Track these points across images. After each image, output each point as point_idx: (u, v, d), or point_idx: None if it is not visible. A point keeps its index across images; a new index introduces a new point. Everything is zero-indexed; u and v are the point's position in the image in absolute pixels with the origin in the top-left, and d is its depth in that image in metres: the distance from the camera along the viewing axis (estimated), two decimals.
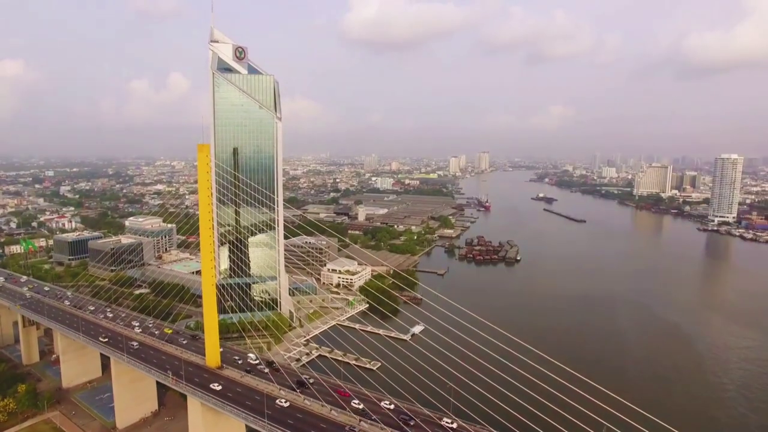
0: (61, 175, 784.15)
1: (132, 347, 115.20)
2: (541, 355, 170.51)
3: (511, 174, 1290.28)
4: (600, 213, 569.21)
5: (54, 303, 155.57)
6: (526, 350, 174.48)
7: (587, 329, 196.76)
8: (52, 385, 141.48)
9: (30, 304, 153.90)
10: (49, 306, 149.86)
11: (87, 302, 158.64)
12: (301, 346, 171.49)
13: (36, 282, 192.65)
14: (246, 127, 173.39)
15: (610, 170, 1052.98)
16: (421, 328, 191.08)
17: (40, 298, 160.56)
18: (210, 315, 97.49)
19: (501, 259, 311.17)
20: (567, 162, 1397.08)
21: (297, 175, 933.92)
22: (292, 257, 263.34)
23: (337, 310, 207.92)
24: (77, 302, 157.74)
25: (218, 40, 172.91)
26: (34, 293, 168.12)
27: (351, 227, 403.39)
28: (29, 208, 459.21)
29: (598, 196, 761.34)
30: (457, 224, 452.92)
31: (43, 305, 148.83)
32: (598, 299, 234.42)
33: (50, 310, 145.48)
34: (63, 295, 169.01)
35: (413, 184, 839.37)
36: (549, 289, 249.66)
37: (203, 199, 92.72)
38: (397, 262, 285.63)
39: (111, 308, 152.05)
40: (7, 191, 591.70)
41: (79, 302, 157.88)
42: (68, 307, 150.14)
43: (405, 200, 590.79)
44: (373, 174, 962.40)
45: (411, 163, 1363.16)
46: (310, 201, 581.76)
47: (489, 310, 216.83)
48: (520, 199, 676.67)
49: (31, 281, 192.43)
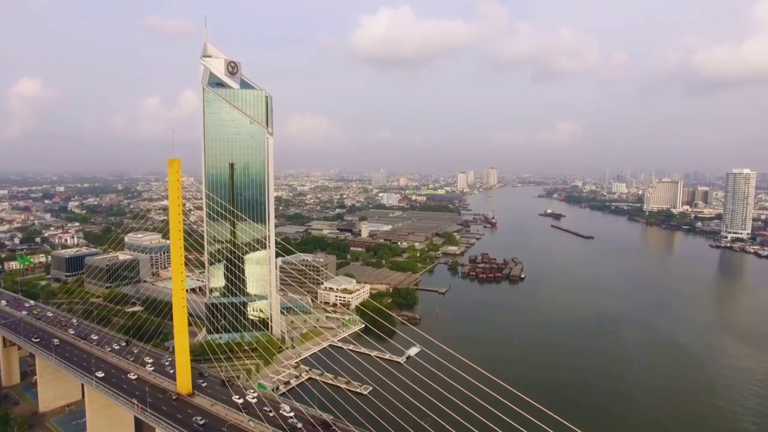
0: (72, 191, 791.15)
1: (102, 369, 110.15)
2: (540, 379, 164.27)
3: (519, 190, 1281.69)
4: (609, 229, 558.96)
5: (36, 323, 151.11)
6: (524, 374, 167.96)
7: (591, 351, 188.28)
8: (29, 409, 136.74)
9: (10, 323, 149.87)
10: (30, 325, 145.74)
11: (71, 323, 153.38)
12: (291, 368, 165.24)
13: (42, 306, 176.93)
14: (237, 142, 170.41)
15: (620, 186, 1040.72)
16: (417, 350, 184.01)
17: (27, 319, 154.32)
18: (180, 338, 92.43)
19: (505, 276, 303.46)
20: (576, 178, 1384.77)
21: (304, 191, 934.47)
22: (288, 275, 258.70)
23: (331, 331, 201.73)
24: (63, 323, 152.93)
25: (211, 54, 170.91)
26: (34, 318, 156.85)
27: (353, 244, 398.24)
28: (35, 224, 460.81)
29: (608, 212, 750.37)
30: (462, 241, 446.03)
31: (23, 325, 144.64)
32: (604, 319, 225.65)
33: (29, 330, 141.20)
34: (68, 322, 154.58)
35: (420, 200, 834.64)
36: (552, 308, 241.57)
37: (174, 216, 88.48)
38: (397, 280, 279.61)
39: (95, 328, 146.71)
40: (16, 206, 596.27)
41: (66, 322, 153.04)
42: (49, 326, 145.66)
43: (410, 216, 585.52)
44: (380, 190, 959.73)
45: (419, 179, 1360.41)
46: (315, 217, 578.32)
47: (488, 332, 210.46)
48: (528, 215, 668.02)
49: (39, 305, 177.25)
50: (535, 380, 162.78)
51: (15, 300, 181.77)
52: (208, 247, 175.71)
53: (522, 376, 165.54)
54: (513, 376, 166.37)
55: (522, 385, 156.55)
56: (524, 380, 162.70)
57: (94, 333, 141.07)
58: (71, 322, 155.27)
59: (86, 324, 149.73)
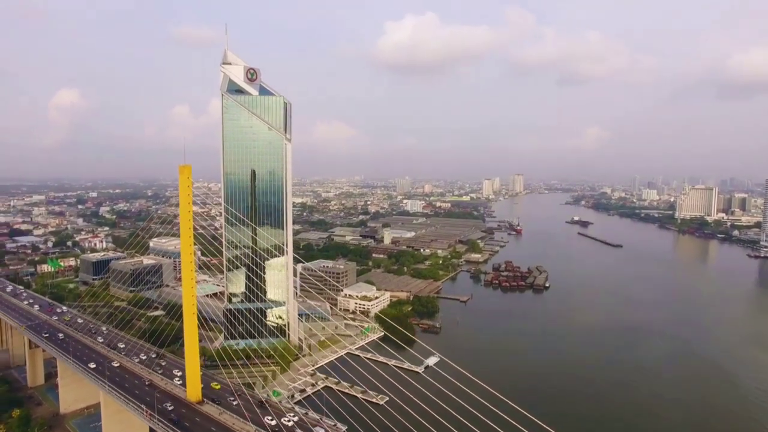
0: (104, 196, 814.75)
1: (117, 374, 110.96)
2: (563, 391, 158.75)
3: (546, 197, 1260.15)
4: (638, 237, 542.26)
5: (59, 325, 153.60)
6: (546, 386, 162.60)
7: (616, 363, 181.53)
8: (51, 410, 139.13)
9: (36, 326, 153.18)
10: (54, 328, 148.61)
11: (101, 330, 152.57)
12: (307, 376, 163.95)
13: (73, 313, 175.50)
14: (255, 148, 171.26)
15: (651, 192, 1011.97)
16: (436, 359, 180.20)
17: (56, 324, 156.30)
18: (191, 345, 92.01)
19: (529, 285, 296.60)
20: (605, 184, 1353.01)
21: (329, 197, 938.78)
22: (307, 282, 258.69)
23: (349, 339, 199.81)
24: (84, 325, 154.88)
25: (231, 62, 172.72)
26: (64, 325, 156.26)
27: (375, 250, 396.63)
28: (68, 228, 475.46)
29: (637, 220, 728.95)
30: (486, 248, 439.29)
31: (47, 328, 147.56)
32: (630, 330, 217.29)
33: (52, 333, 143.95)
34: (97, 330, 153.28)
35: (444, 206, 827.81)
36: (577, 318, 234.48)
37: (184, 222, 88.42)
38: (418, 288, 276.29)
39: (125, 337, 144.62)
40: (52, 211, 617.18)
41: (95, 330, 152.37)
42: (71, 330, 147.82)
43: (434, 223, 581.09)
44: (405, 197, 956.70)
45: (444, 185, 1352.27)
46: (338, 223, 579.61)
47: (510, 342, 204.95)
48: (554, 222, 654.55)
49: (70, 312, 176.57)
50: (557, 392, 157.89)
51: (48, 305, 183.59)
52: (227, 253, 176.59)
53: (544, 387, 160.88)
54: (534, 387, 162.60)
55: (544, 397, 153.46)
56: (546, 392, 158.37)
57: (122, 341, 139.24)
58: (101, 329, 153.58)
59: (116, 332, 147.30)
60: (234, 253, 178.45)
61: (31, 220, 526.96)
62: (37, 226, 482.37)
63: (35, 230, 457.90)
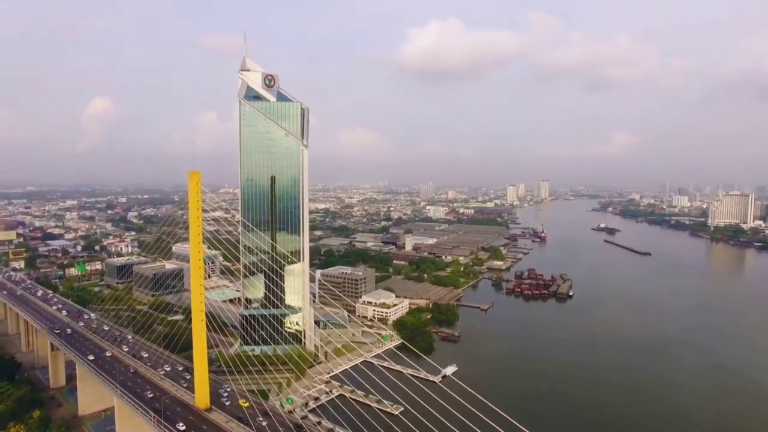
0: (132, 202, 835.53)
1: (130, 378, 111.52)
2: (585, 402, 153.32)
3: (572, 203, 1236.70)
4: (668, 245, 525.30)
5: (84, 331, 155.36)
6: (567, 397, 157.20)
7: (641, 374, 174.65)
8: (70, 412, 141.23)
9: (56, 326, 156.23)
10: (79, 334, 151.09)
11: (126, 338, 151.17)
12: (322, 384, 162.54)
13: (101, 320, 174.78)
14: (272, 154, 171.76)
15: (682, 199, 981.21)
16: (454, 369, 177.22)
17: (81, 330, 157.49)
18: (199, 352, 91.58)
19: (552, 294, 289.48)
20: (633, 191, 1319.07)
21: (352, 203, 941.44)
22: (326, 288, 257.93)
23: (365, 346, 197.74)
24: (117, 337, 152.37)
25: (249, 68, 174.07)
26: (90, 332, 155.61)
27: (396, 257, 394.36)
28: (97, 233, 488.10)
29: (667, 227, 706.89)
30: (509, 255, 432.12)
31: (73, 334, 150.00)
32: (658, 341, 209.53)
33: (71, 334, 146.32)
34: (122, 337, 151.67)
35: (468, 213, 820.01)
36: (601, 328, 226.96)
37: (193, 228, 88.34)
38: (438, 296, 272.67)
39: (151, 346, 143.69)
40: (83, 216, 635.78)
41: (120, 337, 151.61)
42: (90, 333, 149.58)
43: (457, 230, 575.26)
44: (428, 203, 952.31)
45: (468, 191, 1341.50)
46: (360, 229, 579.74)
47: (530, 352, 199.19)
48: (580, 229, 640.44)
49: (98, 320, 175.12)
50: (579, 404, 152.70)
51: (77, 311, 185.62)
52: (245, 259, 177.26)
53: (565, 399, 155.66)
54: (555, 399, 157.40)
55: (565, 408, 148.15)
56: (567, 404, 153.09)
57: (146, 350, 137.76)
58: (126, 338, 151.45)
59: (142, 341, 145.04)
60: (252, 259, 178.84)
61: (63, 224, 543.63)
62: (69, 230, 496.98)
63: (66, 234, 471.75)
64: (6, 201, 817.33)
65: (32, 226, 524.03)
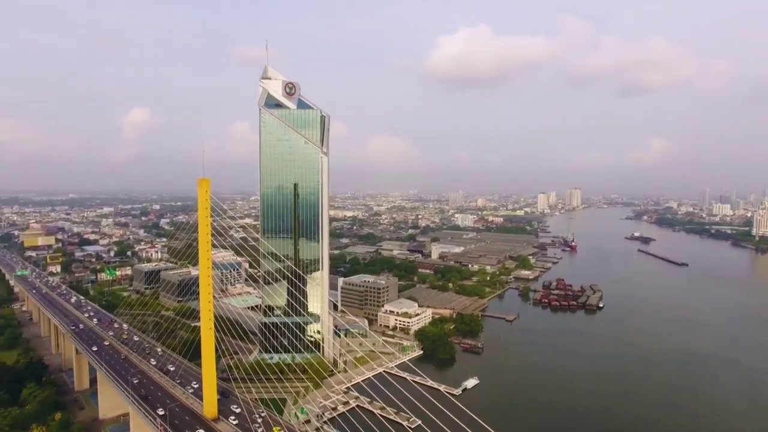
0: (166, 209, 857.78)
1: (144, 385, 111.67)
2: (614, 422, 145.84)
3: (605, 211, 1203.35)
4: (707, 255, 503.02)
5: (112, 340, 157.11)
6: (596, 415, 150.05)
7: (676, 391, 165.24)
8: (91, 415, 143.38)
9: (81, 331, 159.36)
10: (95, 333, 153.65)
11: (156, 351, 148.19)
12: (340, 394, 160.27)
13: (132, 331, 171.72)
14: (292, 162, 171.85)
15: (724, 207, 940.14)
16: (475, 382, 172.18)
17: (107, 337, 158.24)
18: (207, 362, 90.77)
19: (581, 305, 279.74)
20: (670, 198, 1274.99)
21: (380, 211, 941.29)
22: (347, 297, 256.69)
23: (386, 356, 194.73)
24: (147, 350, 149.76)
25: (270, 77, 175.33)
26: (119, 342, 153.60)
27: (422, 265, 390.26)
28: (130, 239, 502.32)
29: (707, 236, 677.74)
30: (537, 265, 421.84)
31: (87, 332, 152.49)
32: (694, 357, 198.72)
33: (92, 337, 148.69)
34: (151, 350, 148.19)
35: (497, 221, 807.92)
36: (632, 342, 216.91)
37: (203, 236, 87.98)
38: (462, 305, 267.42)
39: (178, 360, 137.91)
40: (118, 222, 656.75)
41: (150, 350, 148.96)
42: (125, 349, 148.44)
43: (484, 238, 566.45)
44: (457, 211, 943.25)
45: (498, 199, 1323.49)
46: (387, 237, 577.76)
47: (556, 366, 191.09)
48: (612, 238, 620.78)
49: (131, 330, 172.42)
50: (609, 421, 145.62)
51: (108, 320, 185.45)
52: (267, 266, 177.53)
53: (594, 416, 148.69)
54: (581, 416, 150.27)
55: (595, 428, 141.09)
56: (597, 422, 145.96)
57: (173, 363, 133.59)
58: (156, 351, 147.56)
59: (170, 354, 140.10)
60: (273, 267, 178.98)
61: (99, 230, 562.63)
62: (104, 236, 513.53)
63: (101, 240, 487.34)
64: (50, 207, 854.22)
65: (71, 231, 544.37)
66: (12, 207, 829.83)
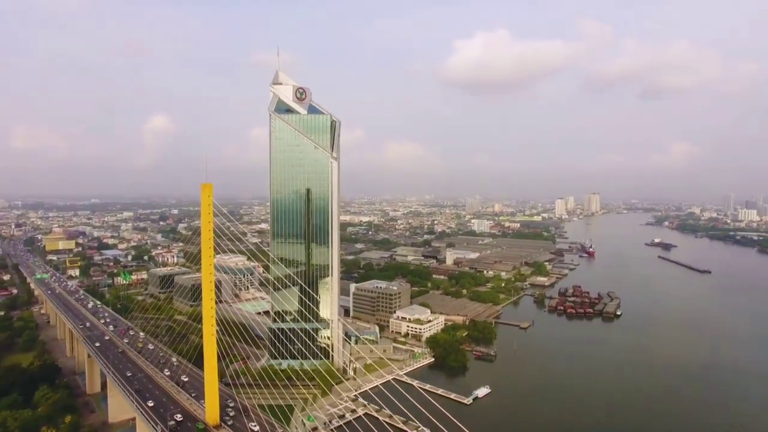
0: (184, 213, 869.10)
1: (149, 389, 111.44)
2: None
3: (625, 217, 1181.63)
4: (732, 262, 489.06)
5: (125, 347, 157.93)
6: None
7: (699, 405, 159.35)
8: (101, 419, 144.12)
9: (93, 335, 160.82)
10: (110, 340, 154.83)
11: (171, 362, 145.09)
12: (348, 401, 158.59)
13: (147, 340, 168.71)
14: (302, 167, 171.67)
15: (750, 213, 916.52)
16: (487, 391, 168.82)
17: (122, 345, 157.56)
18: (210, 367, 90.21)
19: (597, 313, 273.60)
20: (693, 204, 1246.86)
21: (396, 216, 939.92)
22: (359, 303, 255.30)
23: (396, 363, 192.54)
24: (162, 360, 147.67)
25: (282, 82, 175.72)
26: (134, 352, 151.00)
27: (436, 271, 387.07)
28: (147, 243, 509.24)
29: (731, 243, 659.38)
30: (554, 271, 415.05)
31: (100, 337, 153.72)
32: (717, 369, 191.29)
33: (104, 342, 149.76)
34: (167, 360, 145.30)
35: (513, 227, 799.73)
36: (651, 352, 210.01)
37: (205, 241, 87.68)
38: (475, 312, 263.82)
39: (193, 370, 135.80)
40: (137, 227, 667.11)
41: (166, 360, 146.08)
42: (141, 359, 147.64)
43: (500, 244, 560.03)
44: (473, 216, 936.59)
45: (516, 205, 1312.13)
46: (402, 243, 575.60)
47: (569, 376, 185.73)
48: (632, 244, 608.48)
49: (148, 339, 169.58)
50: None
51: (124, 327, 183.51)
52: (278, 271, 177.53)
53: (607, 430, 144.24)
54: (599, 429, 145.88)
55: None
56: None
57: (186, 375, 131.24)
58: (171, 361, 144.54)
59: (184, 364, 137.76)
60: (284, 272, 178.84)
61: (119, 234, 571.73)
62: (122, 240, 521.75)
63: (120, 244, 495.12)
64: (72, 212, 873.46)
65: (91, 236, 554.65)
66: (37, 212, 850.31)
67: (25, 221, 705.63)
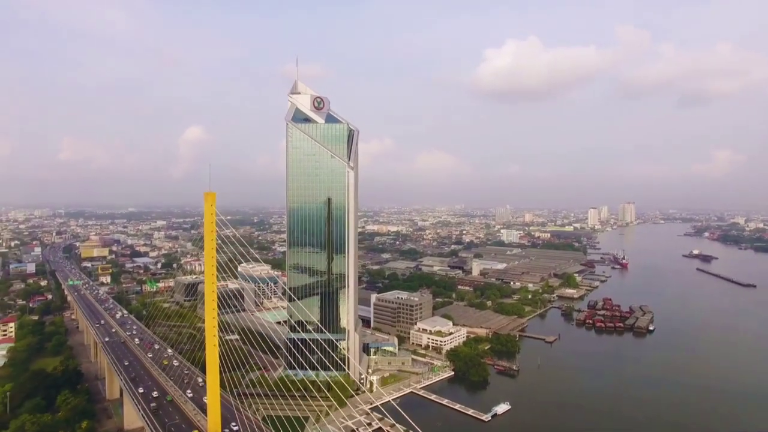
0: None
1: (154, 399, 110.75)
2: None
3: (661, 227, 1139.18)
4: None
5: (147, 363, 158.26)
6: None
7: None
8: (116, 425, 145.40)
9: (113, 343, 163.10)
10: (127, 346, 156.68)
11: (196, 381, 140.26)
12: (363, 415, 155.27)
13: (175, 356, 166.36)
14: (318, 176, 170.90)
15: None
16: (507, 407, 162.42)
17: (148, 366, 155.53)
18: (212, 378, 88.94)
19: (628, 327, 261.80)
20: (736, 214, 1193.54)
21: (425, 226, 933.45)
22: (379, 314, 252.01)
23: (415, 376, 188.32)
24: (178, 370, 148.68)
25: (300, 91, 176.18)
26: (157, 368, 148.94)
27: (462, 282, 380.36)
28: (178, 251, 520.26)
29: None
30: (584, 283, 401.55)
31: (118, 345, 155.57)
32: (758, 390, 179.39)
33: (122, 350, 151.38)
34: (192, 379, 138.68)
35: (543, 237, 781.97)
36: (685, 370, 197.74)
37: (208, 250, 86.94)
38: (500, 325, 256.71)
39: (201, 377, 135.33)
40: (168, 235, 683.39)
41: (189, 378, 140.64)
42: (163, 376, 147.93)
43: (529, 254, 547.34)
44: (503, 226, 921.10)
45: (547, 215, 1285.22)
46: (429, 253, 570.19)
47: (596, 394, 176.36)
48: (669, 255, 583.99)
49: (175, 356, 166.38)
50: None
51: (149, 341, 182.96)
52: (297, 281, 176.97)
53: None
54: None
55: None
56: None
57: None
58: (196, 380, 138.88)
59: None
60: (302, 281, 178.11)
61: (151, 242, 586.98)
62: (154, 248, 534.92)
63: (151, 252, 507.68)
64: (110, 221, 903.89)
65: (125, 243, 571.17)
66: (78, 220, 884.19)
67: (65, 229, 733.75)
